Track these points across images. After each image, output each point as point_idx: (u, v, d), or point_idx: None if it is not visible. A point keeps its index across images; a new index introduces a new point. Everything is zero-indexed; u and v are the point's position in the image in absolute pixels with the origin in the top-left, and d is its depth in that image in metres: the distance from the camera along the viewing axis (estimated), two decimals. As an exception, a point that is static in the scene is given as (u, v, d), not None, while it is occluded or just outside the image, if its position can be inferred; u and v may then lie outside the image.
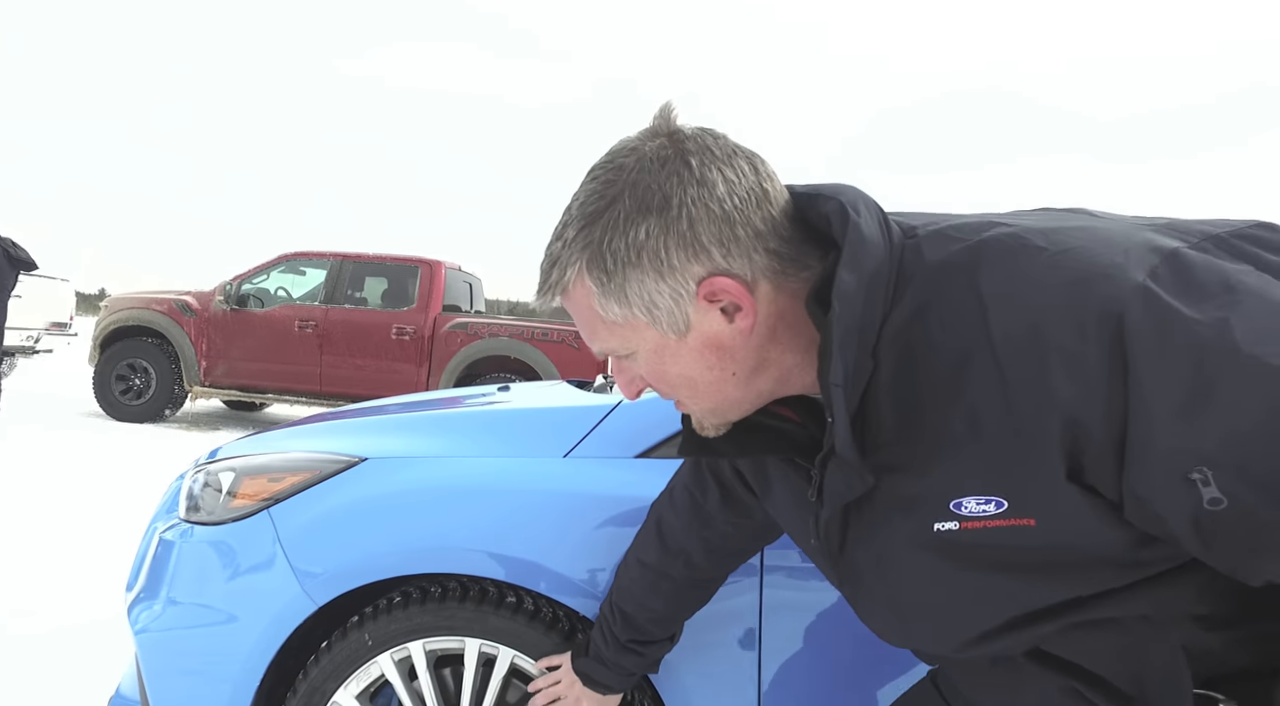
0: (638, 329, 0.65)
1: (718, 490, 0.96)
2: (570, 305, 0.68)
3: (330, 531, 1.23)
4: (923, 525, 0.63)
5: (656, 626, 1.06)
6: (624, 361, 0.70)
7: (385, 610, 1.22)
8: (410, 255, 7.40)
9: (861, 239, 0.61)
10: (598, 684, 1.10)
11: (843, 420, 0.61)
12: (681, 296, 0.63)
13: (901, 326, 0.61)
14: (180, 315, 7.18)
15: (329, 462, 1.30)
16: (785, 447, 0.74)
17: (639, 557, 1.06)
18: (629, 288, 0.63)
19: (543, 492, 1.21)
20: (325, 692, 1.21)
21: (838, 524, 0.70)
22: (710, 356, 0.65)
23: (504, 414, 1.38)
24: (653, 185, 0.62)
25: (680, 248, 0.62)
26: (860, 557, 0.70)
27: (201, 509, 1.36)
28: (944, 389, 0.59)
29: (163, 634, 1.30)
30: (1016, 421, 0.56)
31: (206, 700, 1.25)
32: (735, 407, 0.70)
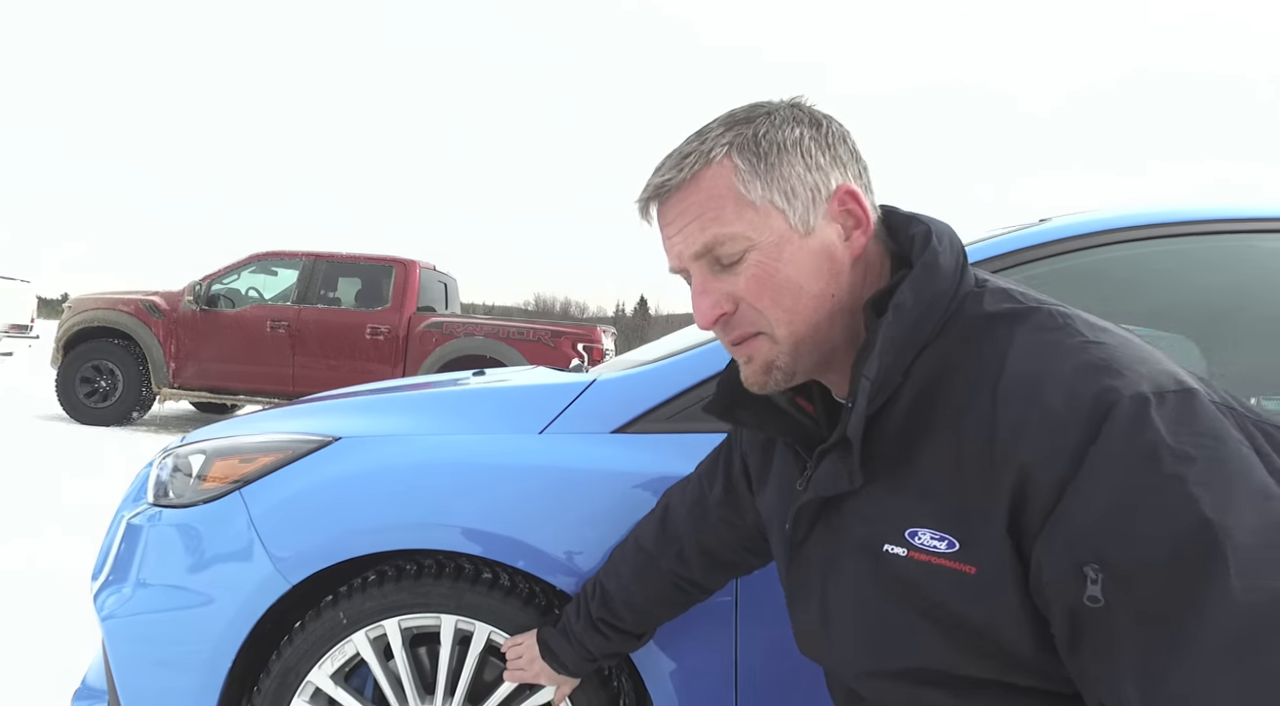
0: (769, 216, 0.68)
1: (723, 482, 0.99)
2: (698, 187, 0.70)
3: (303, 510, 1.22)
4: (874, 541, 0.66)
5: (630, 614, 1.06)
6: (716, 277, 0.71)
7: (360, 588, 1.21)
8: (384, 255, 7.34)
9: (934, 266, 0.67)
10: (556, 658, 1.09)
11: (861, 408, 0.64)
12: (819, 193, 0.69)
13: (937, 356, 0.66)
14: (148, 316, 7.04)
15: (302, 442, 1.29)
16: (796, 434, 0.78)
17: (637, 538, 1.08)
18: (778, 170, 0.68)
19: (518, 468, 1.21)
20: (299, 673, 1.20)
21: (809, 515, 0.73)
22: (824, 264, 0.69)
23: (478, 392, 1.38)
24: (801, 111, 0.71)
25: (827, 153, 0.70)
26: (815, 554, 0.74)
27: (171, 492, 1.34)
28: (948, 418, 0.63)
29: (130, 619, 1.27)
30: (989, 458, 0.59)
31: (177, 684, 1.23)
32: (811, 351, 0.71)
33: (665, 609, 1.09)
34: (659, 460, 1.20)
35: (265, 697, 1.20)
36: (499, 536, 1.18)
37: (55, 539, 3.33)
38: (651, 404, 1.26)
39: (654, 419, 1.25)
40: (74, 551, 3.02)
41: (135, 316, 7.03)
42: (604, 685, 1.19)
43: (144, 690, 1.25)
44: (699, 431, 1.23)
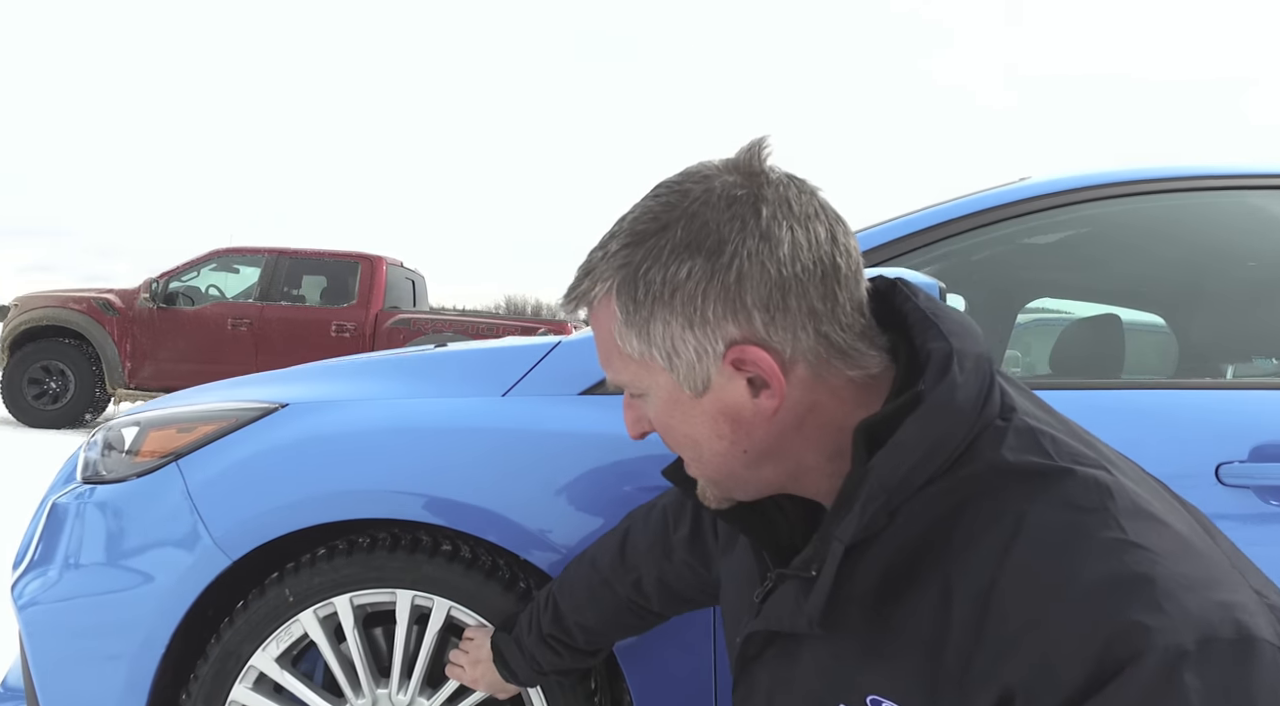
0: (653, 371, 0.58)
1: (690, 526, 0.89)
2: (593, 322, 0.62)
3: (245, 480, 1.12)
4: (826, 697, 0.58)
5: (582, 633, 0.97)
6: (634, 399, 0.63)
7: (308, 564, 1.12)
8: (350, 250, 7.18)
9: (948, 403, 0.53)
10: (506, 665, 1.01)
11: (826, 583, 0.53)
12: (706, 353, 0.56)
13: (933, 503, 0.53)
14: (101, 314, 6.78)
15: (246, 410, 1.20)
16: (761, 535, 0.66)
17: (594, 557, 0.99)
18: (653, 325, 0.56)
19: (479, 431, 1.13)
20: (240, 656, 1.10)
21: (758, 641, 0.65)
22: (724, 425, 0.58)
23: (435, 355, 1.29)
24: (711, 223, 0.55)
25: (720, 300, 0.54)
26: (764, 678, 0.65)
27: (102, 469, 1.24)
28: (934, 589, 0.51)
29: (53, 606, 1.16)
30: (971, 661, 0.49)
31: (103, 674, 1.12)
32: (740, 487, 0.63)
33: (619, 632, 1.01)
34: (630, 421, 1.13)
35: (203, 685, 1.10)
36: (459, 504, 1.09)
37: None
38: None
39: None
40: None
41: (88, 314, 6.77)
42: (580, 681, 1.11)
43: (67, 682, 1.14)
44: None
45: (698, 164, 0.59)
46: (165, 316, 6.80)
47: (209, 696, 1.10)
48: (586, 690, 1.11)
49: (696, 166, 0.59)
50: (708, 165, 0.59)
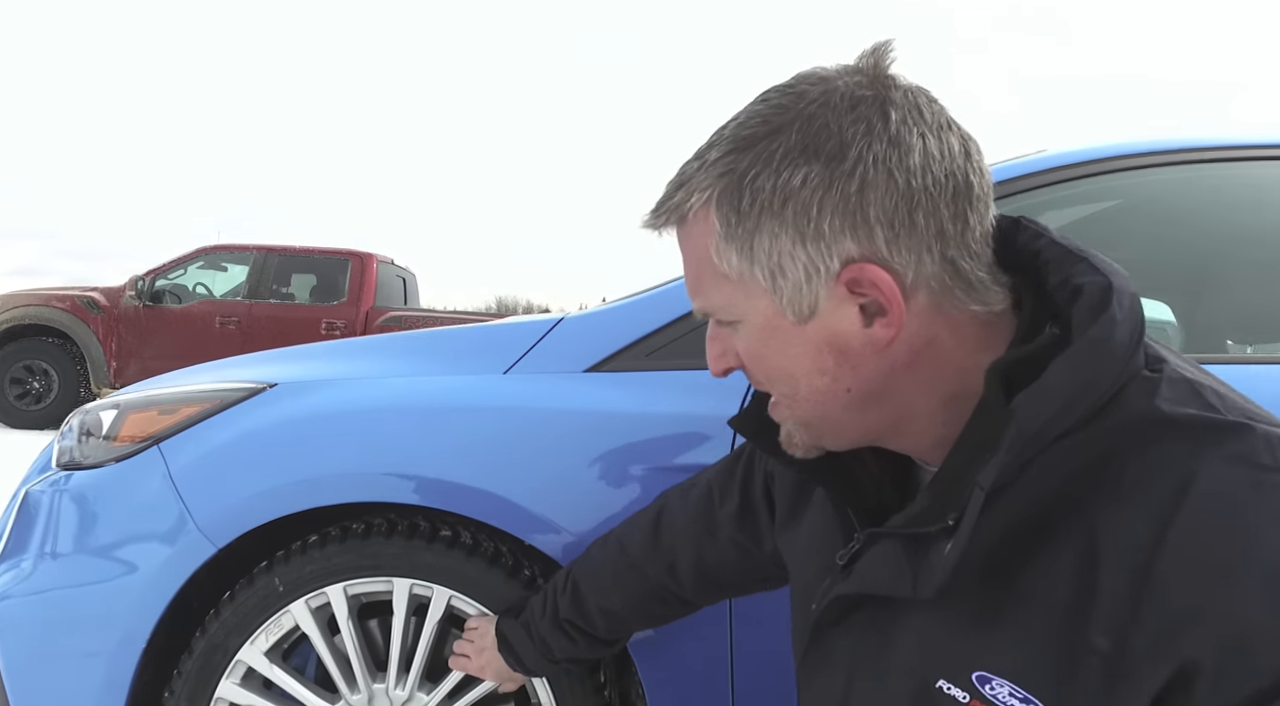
0: (752, 294, 0.52)
1: (739, 501, 0.82)
2: (683, 240, 0.55)
3: (231, 463, 1.06)
4: (927, 671, 0.51)
5: (603, 620, 0.91)
6: (722, 329, 0.57)
7: (299, 551, 1.05)
8: (340, 248, 7.09)
9: (1106, 341, 0.47)
10: (512, 652, 0.95)
11: (965, 535, 0.46)
12: (818, 272, 0.49)
13: (1071, 455, 0.47)
14: (85, 312, 6.66)
15: (232, 391, 1.13)
16: (845, 491, 0.60)
17: (621, 539, 0.91)
18: (758, 239, 0.50)
19: (479, 409, 1.07)
20: (227, 650, 1.04)
21: (845, 605, 0.57)
22: (828, 358, 0.52)
23: (431, 333, 1.23)
24: (831, 126, 0.49)
25: (839, 212, 0.48)
26: (843, 647, 0.59)
27: (79, 455, 1.17)
28: (1077, 550, 0.45)
29: (26, 599, 1.09)
30: (1135, 633, 0.43)
31: (80, 670, 1.05)
32: (834, 433, 0.56)
33: (644, 621, 0.94)
34: (640, 398, 1.07)
35: (187, 680, 1.03)
36: (459, 486, 1.03)
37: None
38: (629, 340, 1.13)
39: (632, 356, 1.12)
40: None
41: (72, 313, 6.64)
42: (589, 674, 1.05)
43: (40, 680, 1.07)
44: (684, 368, 1.11)
45: (810, 68, 0.52)
46: (151, 315, 6.69)
47: (193, 693, 1.03)
48: (595, 683, 1.05)
49: (810, 69, 0.52)
50: (823, 68, 0.52)
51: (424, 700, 1.04)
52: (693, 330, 1.13)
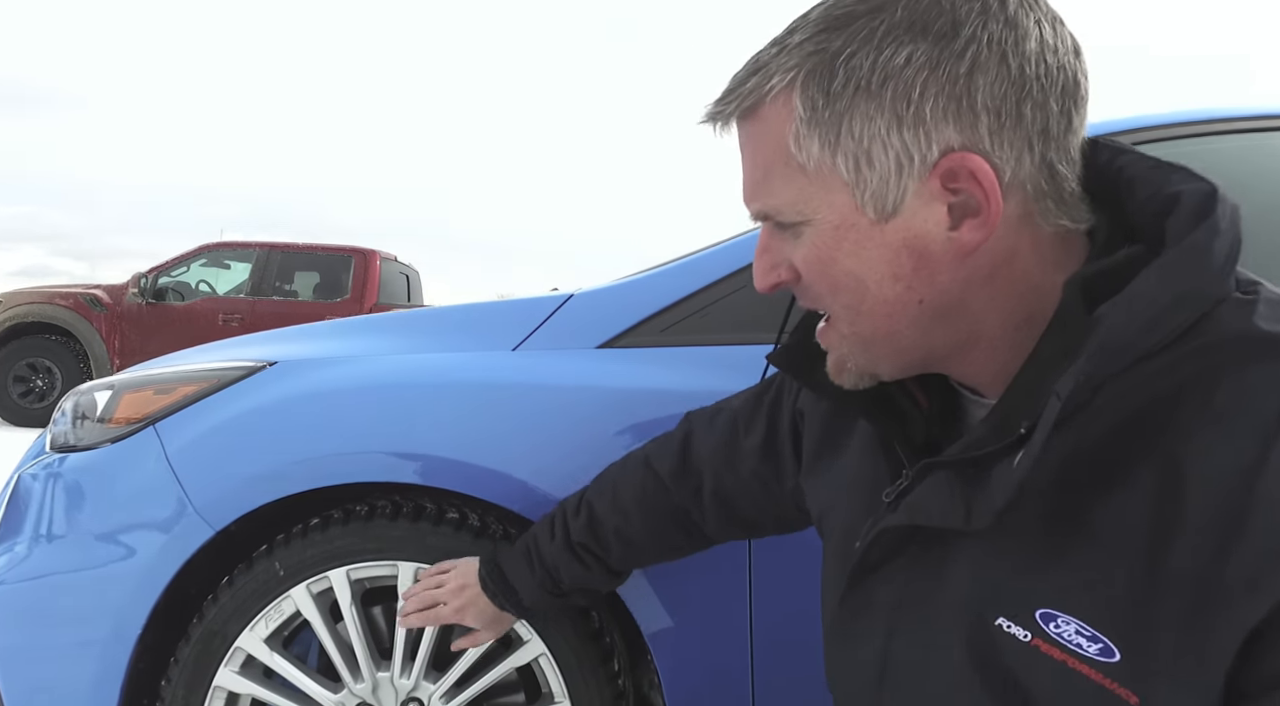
0: (829, 188, 0.48)
1: (763, 434, 0.77)
2: (751, 132, 0.50)
3: (229, 442, 1.02)
4: (985, 607, 0.47)
5: (619, 546, 0.86)
6: (778, 236, 0.52)
7: (299, 535, 1.01)
8: (343, 245, 7.06)
9: (1205, 251, 0.43)
10: (505, 584, 0.88)
11: (1040, 441, 0.41)
12: (911, 162, 0.45)
13: (1155, 377, 0.42)
14: (89, 310, 6.64)
15: (230, 370, 1.09)
16: (891, 423, 0.56)
17: (648, 457, 0.86)
18: (849, 123, 0.46)
19: (488, 386, 1.02)
20: (226, 636, 0.99)
21: (891, 541, 0.54)
22: (905, 262, 0.47)
23: (440, 310, 1.19)
24: (944, 2, 0.45)
25: (945, 95, 0.44)
26: (886, 590, 0.55)
27: (72, 437, 1.13)
28: (1150, 479, 0.41)
29: (17, 586, 1.05)
30: (1226, 566, 0.39)
31: (74, 657, 1.01)
32: (892, 356, 0.51)
33: (661, 551, 0.89)
34: (656, 375, 1.03)
35: (184, 668, 0.99)
36: (467, 465, 0.99)
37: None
38: (642, 315, 1.09)
39: (646, 332, 1.08)
40: None
41: (75, 310, 6.62)
42: (594, 638, 1.00)
43: (33, 668, 1.03)
44: (702, 343, 1.07)
45: None
46: (154, 312, 6.67)
47: (191, 681, 0.99)
48: (609, 672, 1.01)
49: None
50: None
51: (430, 689, 1.00)
52: (710, 305, 1.09)
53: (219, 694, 1.00)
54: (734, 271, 1.09)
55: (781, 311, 1.06)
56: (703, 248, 1.19)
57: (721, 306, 1.08)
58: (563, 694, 0.99)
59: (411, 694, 1.00)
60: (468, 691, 1.00)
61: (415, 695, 1.00)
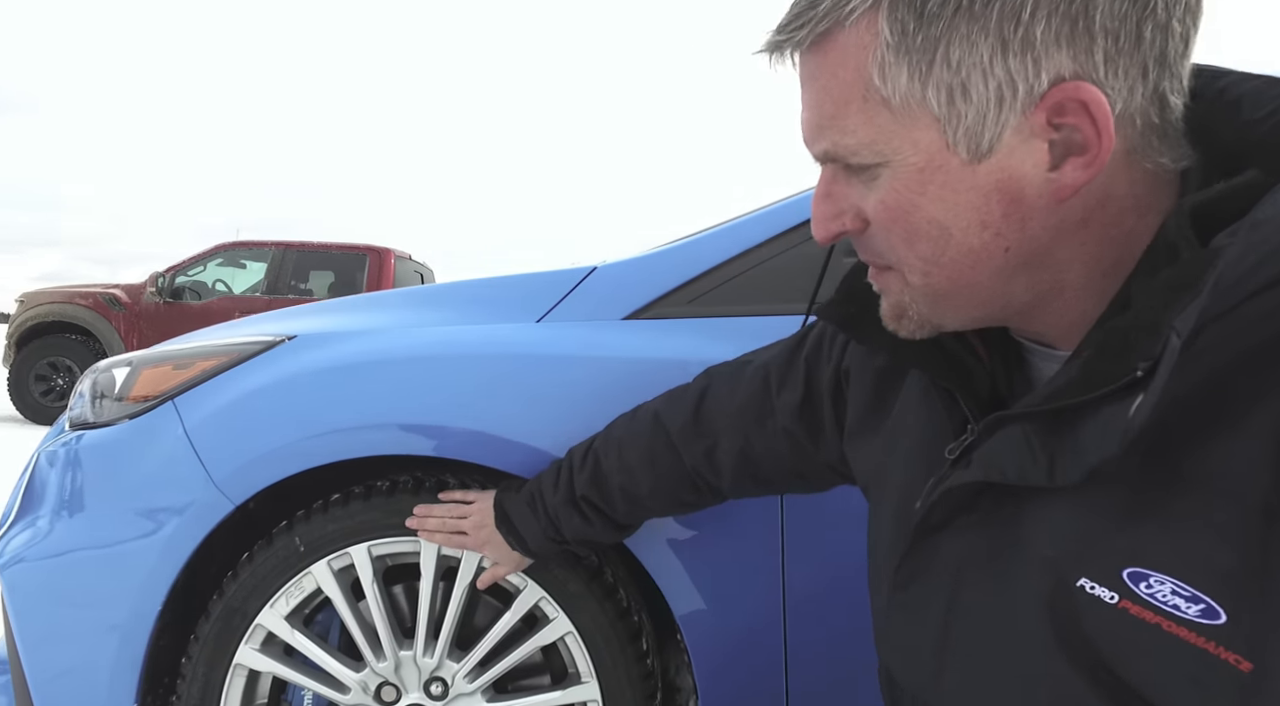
0: (914, 125, 0.43)
1: (803, 391, 0.72)
2: (822, 61, 0.45)
3: (248, 415, 0.99)
4: (1065, 568, 0.43)
5: (625, 503, 0.83)
6: (845, 180, 0.47)
7: (320, 510, 0.99)
8: (357, 243, 7.08)
9: None
10: (514, 530, 0.88)
11: (1163, 382, 0.37)
12: (1015, 94, 0.40)
13: (1270, 314, 0.38)
14: (108, 309, 6.70)
15: (249, 344, 1.07)
16: (953, 377, 0.52)
17: (658, 413, 0.83)
18: (945, 49, 0.41)
19: (512, 357, 0.99)
20: (246, 613, 0.97)
21: (958, 499, 0.49)
22: (995, 206, 0.43)
23: (461, 284, 1.17)
24: None
25: (1057, 15, 0.39)
26: (951, 551, 0.50)
27: (90, 414, 1.11)
28: (1264, 426, 0.37)
29: (38, 564, 1.03)
30: None
31: (94, 633, 0.99)
32: (963, 308, 0.48)
33: (669, 507, 0.87)
34: (683, 345, 1.00)
35: (205, 645, 0.97)
36: (490, 436, 0.96)
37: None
38: (669, 286, 1.06)
39: (673, 302, 1.05)
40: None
41: (94, 310, 6.68)
42: (622, 617, 0.98)
43: (52, 642, 1.01)
44: (730, 314, 1.03)
45: None
46: (172, 311, 6.71)
47: (212, 658, 0.97)
48: (638, 651, 0.98)
49: None
50: None
51: (454, 668, 0.98)
52: (738, 275, 1.06)
53: (240, 671, 0.98)
54: (762, 241, 1.06)
55: (812, 278, 1.04)
56: (729, 219, 1.16)
57: (749, 276, 1.05)
58: (590, 673, 0.97)
59: (435, 673, 0.98)
60: (492, 670, 0.97)
61: (439, 674, 0.98)
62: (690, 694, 1.08)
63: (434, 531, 0.94)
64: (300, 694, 1.03)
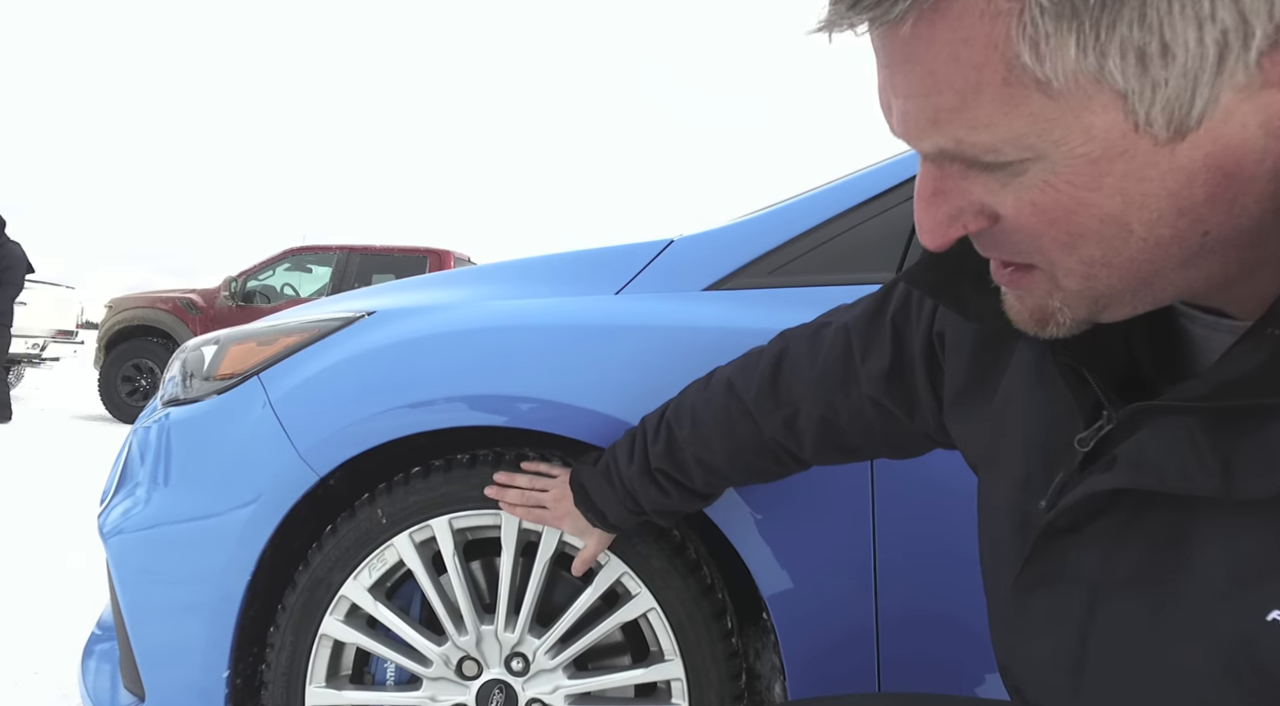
0: (1085, 108, 0.33)
1: (889, 359, 0.65)
2: (929, 36, 0.34)
3: (331, 387, 1.00)
4: (1248, 599, 0.36)
5: (701, 473, 0.79)
6: (967, 177, 0.38)
7: (401, 483, 0.99)
8: (417, 245, 7.24)
9: None
10: (592, 505, 0.86)
11: None
12: (1241, 41, 0.31)
13: None
14: (185, 313, 7.01)
15: (330, 321, 1.08)
16: (1080, 351, 0.45)
17: (731, 382, 0.78)
18: (1129, 11, 0.31)
19: (587, 328, 0.98)
20: (330, 584, 0.98)
21: (1098, 504, 0.42)
22: (1199, 189, 0.34)
23: (539, 259, 1.16)
24: None
25: None
26: (1080, 560, 0.44)
27: (180, 392, 1.15)
28: None
29: (136, 534, 1.06)
30: None
31: (190, 599, 1.01)
32: (1135, 304, 0.39)
33: (748, 477, 0.82)
34: (765, 316, 0.96)
35: (291, 615, 0.98)
36: (568, 407, 0.94)
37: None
38: (750, 257, 1.02)
39: (753, 273, 1.02)
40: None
41: (173, 314, 7.00)
42: (706, 593, 0.95)
43: (153, 610, 1.04)
44: (812, 284, 1.00)
45: None
46: (244, 314, 6.97)
47: (298, 627, 0.98)
48: (722, 628, 0.95)
49: None
50: None
51: (535, 644, 0.96)
52: (820, 245, 1.02)
53: (325, 642, 0.99)
54: (843, 211, 1.02)
55: (898, 245, 0.99)
56: (809, 189, 1.12)
57: (832, 245, 1.01)
58: (673, 651, 0.94)
59: (516, 648, 0.97)
60: (574, 646, 0.96)
61: (520, 649, 0.97)
62: (773, 677, 1.04)
63: (514, 504, 0.93)
64: (383, 665, 1.03)
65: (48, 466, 4.35)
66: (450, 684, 0.98)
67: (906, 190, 1.01)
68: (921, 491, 0.91)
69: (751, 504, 0.93)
